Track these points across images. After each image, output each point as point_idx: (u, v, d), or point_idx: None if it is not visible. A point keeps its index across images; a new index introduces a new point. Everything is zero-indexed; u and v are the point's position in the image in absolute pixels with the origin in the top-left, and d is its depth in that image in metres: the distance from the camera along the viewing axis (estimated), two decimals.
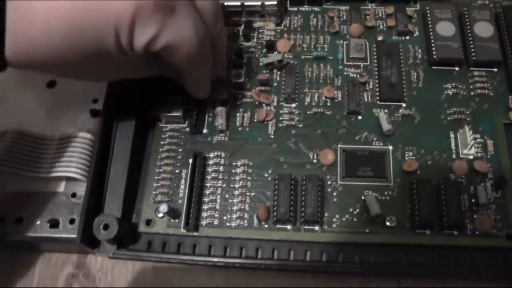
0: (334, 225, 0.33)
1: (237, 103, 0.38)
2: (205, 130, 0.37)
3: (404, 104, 0.37)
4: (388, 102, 0.37)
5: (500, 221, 0.33)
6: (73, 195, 0.34)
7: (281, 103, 0.38)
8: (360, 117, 0.37)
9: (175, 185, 0.35)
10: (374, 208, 0.33)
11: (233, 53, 0.39)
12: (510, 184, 0.33)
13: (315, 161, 0.35)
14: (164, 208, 0.33)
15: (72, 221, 0.33)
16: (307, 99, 0.38)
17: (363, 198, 0.34)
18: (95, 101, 0.36)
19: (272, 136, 0.37)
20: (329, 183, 0.35)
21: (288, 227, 0.33)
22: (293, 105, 0.38)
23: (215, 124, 0.37)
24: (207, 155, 0.36)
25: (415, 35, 0.40)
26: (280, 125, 0.37)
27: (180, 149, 0.36)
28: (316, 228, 0.33)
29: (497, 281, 0.32)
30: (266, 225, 0.34)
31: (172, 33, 0.28)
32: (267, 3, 0.39)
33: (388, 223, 0.33)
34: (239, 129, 0.37)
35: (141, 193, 0.35)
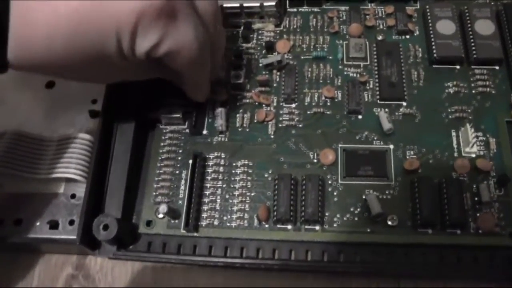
0: (335, 225, 0.33)
1: (237, 104, 0.38)
2: (205, 131, 0.37)
3: (404, 103, 0.37)
4: (389, 101, 0.37)
5: (503, 219, 0.32)
6: (73, 196, 0.34)
7: (281, 104, 0.38)
8: (360, 116, 0.37)
9: (175, 186, 0.35)
10: (375, 207, 0.32)
11: (232, 55, 0.39)
12: None
13: (315, 161, 0.35)
14: (163, 208, 0.33)
15: (71, 222, 0.33)
16: (307, 99, 0.38)
17: (364, 197, 0.33)
18: (94, 101, 0.36)
19: (272, 136, 0.36)
20: (329, 182, 0.34)
21: (289, 227, 0.33)
22: (293, 105, 0.37)
23: (215, 125, 0.37)
24: (207, 156, 0.36)
25: (415, 34, 0.40)
26: (280, 125, 0.37)
27: (180, 150, 0.36)
28: (317, 227, 0.33)
29: (501, 280, 0.32)
30: (266, 225, 0.33)
31: (173, 39, 0.28)
32: (266, 4, 0.39)
33: (389, 222, 0.33)
34: (239, 129, 0.37)
35: (141, 194, 0.35)
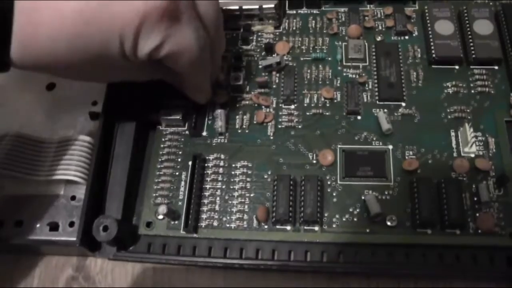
0: (334, 225, 0.33)
1: (237, 105, 0.38)
2: (204, 133, 0.37)
3: (403, 104, 0.37)
4: (388, 102, 0.37)
5: (503, 219, 0.32)
6: (73, 198, 0.34)
7: (280, 105, 0.38)
8: (359, 117, 0.37)
9: (175, 187, 0.35)
10: (374, 208, 0.32)
11: (232, 57, 0.39)
12: None
13: (314, 161, 0.35)
14: (163, 209, 0.33)
15: (71, 224, 0.33)
16: (306, 100, 0.38)
17: (363, 198, 0.33)
18: (94, 103, 0.37)
19: (272, 137, 0.36)
20: (328, 183, 0.34)
21: (288, 227, 0.33)
22: (292, 107, 0.38)
23: (214, 126, 0.37)
24: (206, 157, 0.36)
25: (414, 34, 0.40)
26: (279, 126, 0.37)
27: (180, 152, 0.36)
28: (316, 228, 0.33)
29: (500, 280, 0.31)
30: (266, 226, 0.33)
31: (175, 42, 0.29)
32: (265, 6, 0.39)
33: (388, 223, 0.33)
34: (239, 131, 0.37)
35: (141, 196, 0.35)
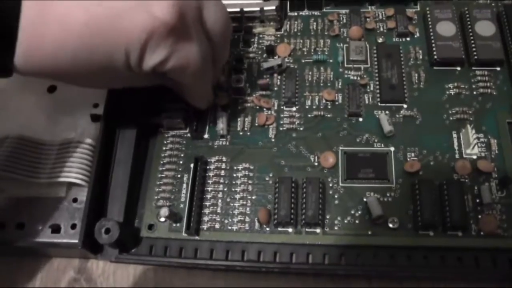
0: (336, 228, 0.33)
1: (238, 108, 0.38)
2: (206, 135, 0.37)
3: (405, 105, 0.37)
4: (389, 104, 0.37)
5: (505, 221, 0.32)
6: (75, 200, 0.34)
7: (281, 107, 0.38)
8: (361, 119, 0.37)
9: (176, 189, 0.35)
10: (376, 210, 0.32)
11: (233, 59, 0.39)
12: None
13: (316, 164, 0.35)
14: (165, 212, 0.33)
15: (73, 226, 0.33)
16: (308, 103, 0.38)
17: (364, 200, 0.33)
18: (95, 106, 0.36)
19: (273, 139, 0.36)
20: (330, 185, 0.34)
21: (290, 230, 0.33)
22: (294, 109, 0.38)
23: (216, 129, 0.37)
24: (208, 159, 0.36)
25: (415, 36, 0.40)
26: (280, 128, 0.37)
27: (182, 154, 0.37)
28: (318, 230, 0.33)
29: (503, 282, 0.31)
30: (267, 228, 0.33)
31: (180, 56, 0.29)
32: (266, 8, 0.39)
33: (390, 225, 0.32)
34: (240, 133, 0.37)
35: (143, 198, 0.35)
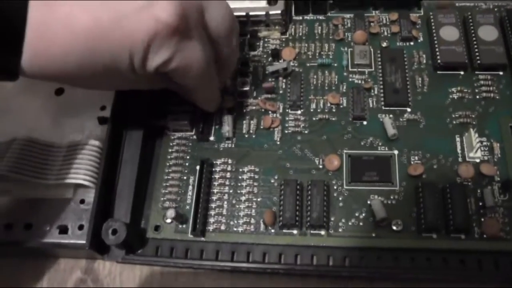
0: (340, 230, 0.33)
1: (244, 110, 0.38)
2: (212, 138, 0.38)
3: (409, 109, 0.37)
4: (393, 107, 0.37)
5: (508, 224, 0.32)
6: (82, 201, 0.34)
7: (286, 110, 0.38)
8: (365, 122, 0.37)
9: (182, 191, 0.36)
10: (379, 212, 0.33)
11: (239, 62, 0.40)
12: None
13: (320, 166, 0.36)
14: (171, 213, 0.33)
15: (81, 227, 0.33)
16: (313, 106, 0.38)
17: (368, 202, 0.34)
18: (103, 108, 0.37)
19: (278, 142, 0.37)
20: (335, 188, 0.35)
21: (295, 231, 0.33)
22: (299, 112, 0.38)
23: (222, 131, 0.37)
24: (214, 161, 0.36)
25: (419, 40, 0.40)
26: (286, 131, 0.37)
27: (188, 156, 0.37)
28: (322, 232, 0.33)
29: (505, 284, 0.32)
30: (272, 230, 0.34)
31: (184, 57, 0.29)
32: (271, 12, 0.40)
33: (394, 227, 0.33)
34: (246, 136, 0.37)
35: (149, 200, 0.36)
